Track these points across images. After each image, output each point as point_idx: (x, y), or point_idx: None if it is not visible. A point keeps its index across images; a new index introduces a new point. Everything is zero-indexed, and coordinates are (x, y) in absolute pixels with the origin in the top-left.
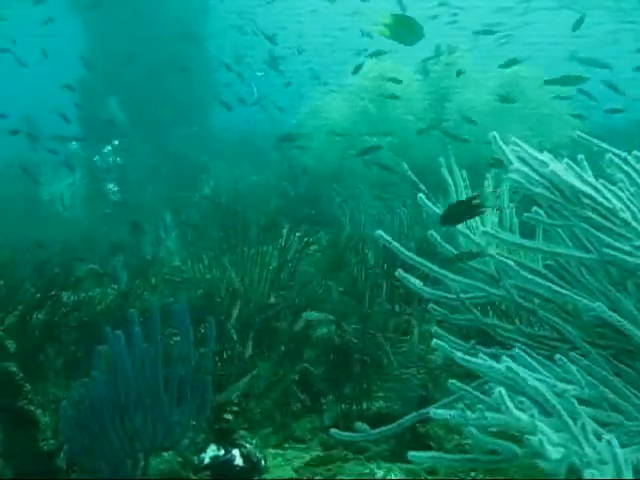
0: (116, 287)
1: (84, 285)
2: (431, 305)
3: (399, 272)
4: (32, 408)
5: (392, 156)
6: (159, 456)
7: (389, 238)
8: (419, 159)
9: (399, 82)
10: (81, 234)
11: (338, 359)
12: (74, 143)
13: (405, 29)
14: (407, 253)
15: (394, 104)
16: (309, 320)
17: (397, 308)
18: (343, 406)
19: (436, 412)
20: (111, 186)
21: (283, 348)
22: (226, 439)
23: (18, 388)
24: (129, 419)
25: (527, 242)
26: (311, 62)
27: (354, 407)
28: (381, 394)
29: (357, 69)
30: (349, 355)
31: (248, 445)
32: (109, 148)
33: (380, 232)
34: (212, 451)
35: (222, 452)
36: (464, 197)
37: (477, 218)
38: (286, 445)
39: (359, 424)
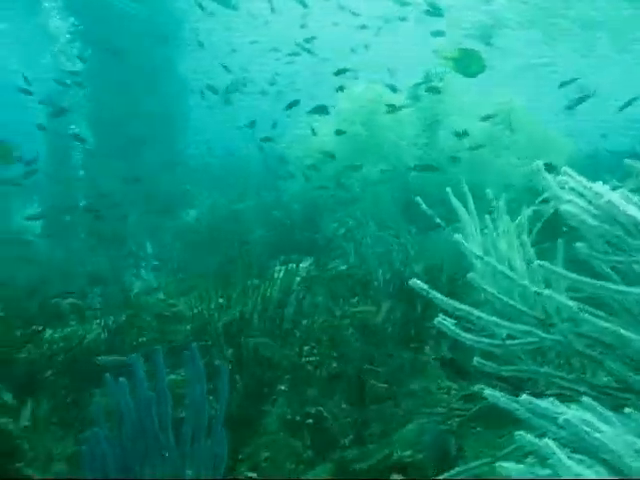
0: (100, 322)
1: (67, 320)
2: (477, 359)
3: (439, 319)
4: (30, 472)
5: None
6: None
7: (425, 286)
8: (413, 185)
9: (394, 109)
10: (57, 265)
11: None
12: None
13: (469, 62)
14: (449, 301)
15: (385, 130)
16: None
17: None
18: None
19: (507, 467)
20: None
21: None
22: None
23: (15, 448)
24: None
25: (588, 280)
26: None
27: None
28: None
29: (340, 89)
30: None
31: None
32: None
33: (415, 280)
34: None
35: None
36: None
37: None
38: None
39: None
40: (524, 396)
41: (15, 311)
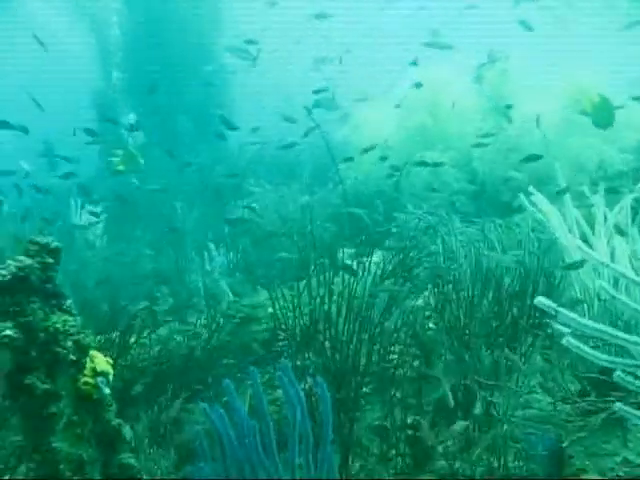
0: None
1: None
2: (618, 374)
3: (568, 339)
4: None
5: (454, 173)
6: None
7: (553, 305)
8: (479, 174)
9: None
10: (122, 266)
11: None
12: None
13: (604, 113)
14: (577, 319)
15: (450, 116)
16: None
17: None
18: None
19: None
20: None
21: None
22: None
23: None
24: None
25: None
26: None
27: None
28: None
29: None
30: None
31: None
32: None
33: (540, 299)
34: None
35: None
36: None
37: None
38: None
39: None
40: None
41: (91, 319)
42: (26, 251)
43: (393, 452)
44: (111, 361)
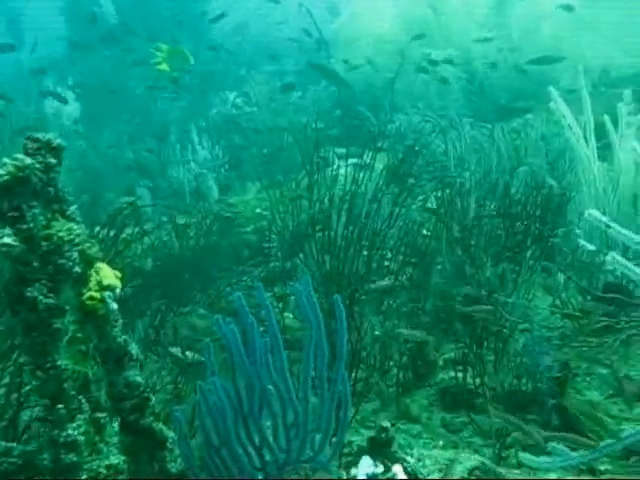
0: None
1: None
2: None
3: (612, 257)
4: (159, 425)
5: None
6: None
7: (604, 218)
8: (480, 72)
9: None
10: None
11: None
12: None
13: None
14: (628, 234)
15: (452, 10)
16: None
17: None
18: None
19: None
20: None
21: None
22: (381, 451)
23: (144, 401)
24: (256, 428)
25: None
26: None
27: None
28: None
29: None
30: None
31: (410, 459)
32: None
33: (591, 211)
34: (367, 466)
35: (380, 469)
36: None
37: None
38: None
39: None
40: None
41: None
42: (25, 148)
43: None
44: (119, 274)
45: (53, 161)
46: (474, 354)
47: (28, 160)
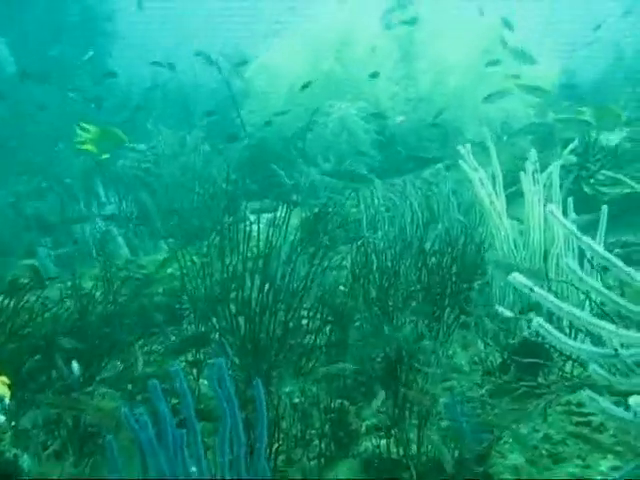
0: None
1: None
2: (593, 367)
3: (538, 323)
4: None
5: (363, 125)
6: None
7: (530, 283)
8: (390, 126)
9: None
10: None
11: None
12: None
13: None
14: (556, 302)
15: (360, 62)
16: None
17: None
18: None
19: None
20: None
21: None
22: None
23: None
24: None
25: None
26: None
27: None
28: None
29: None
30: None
31: None
32: None
33: (516, 275)
34: None
35: None
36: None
37: None
38: None
39: None
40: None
41: None
42: None
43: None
44: (7, 380)
45: None
46: (395, 421)
47: None
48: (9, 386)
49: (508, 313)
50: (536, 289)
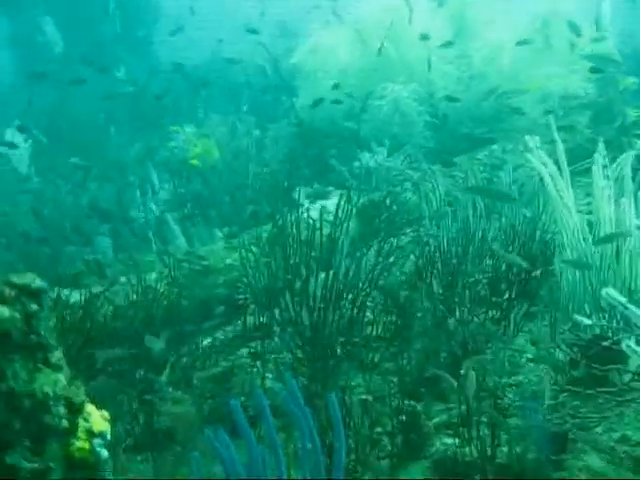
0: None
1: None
2: None
3: (627, 343)
4: None
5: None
6: None
7: (623, 299)
8: (443, 106)
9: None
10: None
11: None
12: None
13: None
14: None
15: (412, 44)
16: None
17: None
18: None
19: None
20: None
21: None
22: None
23: None
24: None
25: None
26: None
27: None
28: None
29: None
30: None
31: None
32: None
33: (609, 290)
34: None
35: None
36: None
37: None
38: None
39: None
40: None
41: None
42: (2, 296)
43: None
44: (107, 415)
45: (34, 307)
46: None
47: (6, 312)
48: (109, 421)
49: (587, 321)
50: (630, 306)
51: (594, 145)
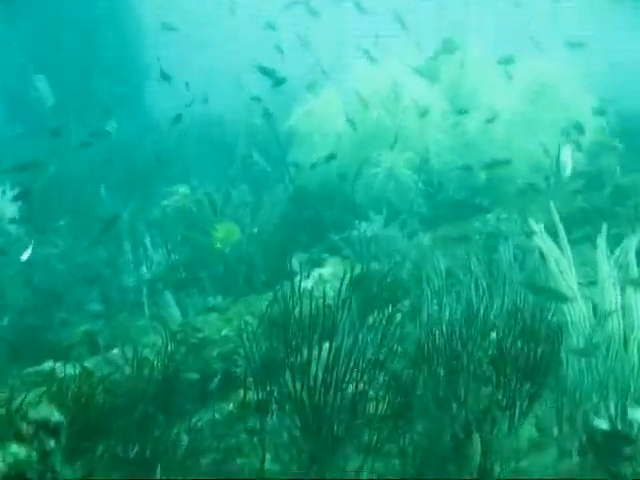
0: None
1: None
2: None
3: None
4: None
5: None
6: None
7: None
8: (436, 174)
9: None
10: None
11: None
12: None
13: None
14: None
15: (406, 113)
16: None
17: None
18: None
19: None
20: None
21: None
22: None
23: None
24: None
25: None
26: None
27: None
28: None
29: None
30: None
31: None
32: None
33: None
34: None
35: None
36: None
37: None
38: None
39: None
40: None
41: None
42: (19, 433)
43: None
44: None
45: (52, 445)
46: None
47: (23, 453)
48: None
49: (605, 426)
50: None
51: (586, 213)
